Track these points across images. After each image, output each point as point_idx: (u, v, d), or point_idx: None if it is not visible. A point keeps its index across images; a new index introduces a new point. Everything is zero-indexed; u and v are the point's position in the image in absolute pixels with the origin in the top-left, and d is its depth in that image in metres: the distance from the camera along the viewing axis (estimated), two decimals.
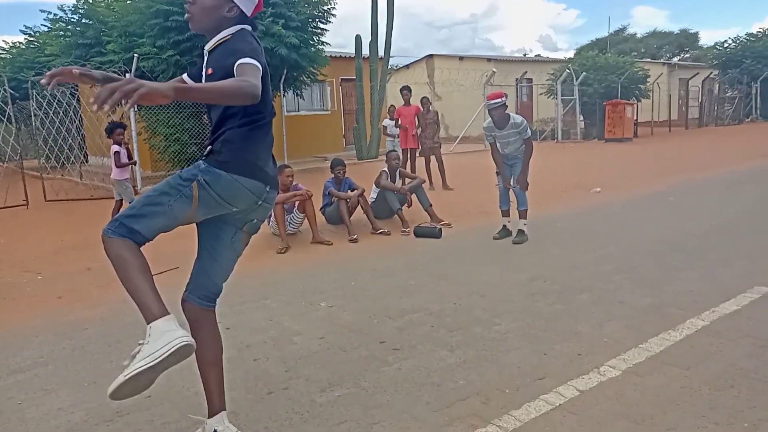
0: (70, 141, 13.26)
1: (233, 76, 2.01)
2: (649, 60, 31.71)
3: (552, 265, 5.19)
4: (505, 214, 6.36)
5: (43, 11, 16.61)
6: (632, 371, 2.98)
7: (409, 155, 9.66)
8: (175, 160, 12.74)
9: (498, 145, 6.15)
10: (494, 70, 16.73)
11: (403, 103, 9.73)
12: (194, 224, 2.36)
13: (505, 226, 6.36)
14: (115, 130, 7.79)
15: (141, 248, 2.11)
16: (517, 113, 6.21)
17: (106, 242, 2.08)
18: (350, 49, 15.71)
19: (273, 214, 6.37)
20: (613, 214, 7.57)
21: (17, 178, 10.41)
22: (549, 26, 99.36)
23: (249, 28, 2.29)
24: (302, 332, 3.81)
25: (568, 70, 19.57)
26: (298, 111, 17.38)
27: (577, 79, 19.44)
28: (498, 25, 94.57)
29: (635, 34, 46.49)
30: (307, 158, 16.11)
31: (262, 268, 5.62)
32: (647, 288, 4.36)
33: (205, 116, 12.14)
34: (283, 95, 13.05)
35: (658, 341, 3.34)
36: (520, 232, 6.14)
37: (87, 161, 17.07)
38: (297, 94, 13.67)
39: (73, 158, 13.52)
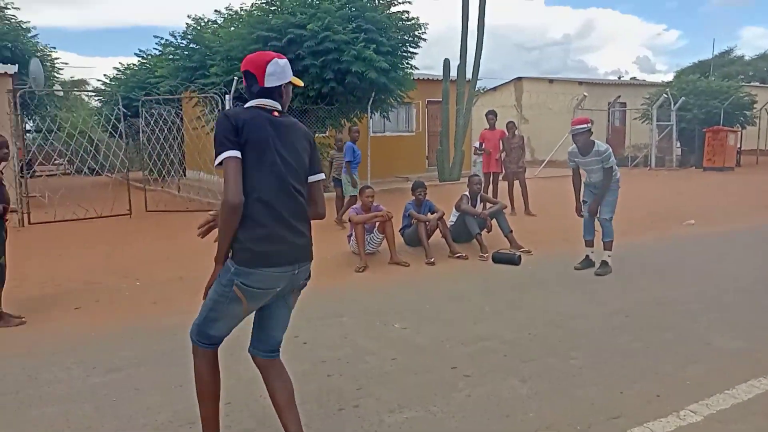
0: (172, 156, 14.18)
1: None
2: (757, 84, 29.71)
3: (635, 299, 4.99)
4: (589, 244, 6.18)
5: (156, 37, 18.34)
6: (715, 418, 2.82)
7: (491, 179, 9.60)
8: None
9: (583, 171, 6.04)
10: (585, 94, 16.32)
11: (487, 126, 9.71)
12: None
13: (587, 256, 6.19)
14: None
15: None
16: (608, 138, 6.08)
17: (194, 353, 2.53)
18: (438, 71, 15.85)
19: (354, 234, 6.55)
20: (707, 249, 7.16)
21: (124, 188, 11.27)
22: (647, 47, 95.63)
23: (258, 102, 2.39)
24: (375, 352, 3.90)
25: (665, 95, 18.72)
26: (384, 132, 17.68)
27: (675, 104, 18.54)
28: (592, 46, 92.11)
29: (743, 56, 43.70)
30: (389, 178, 16.35)
31: (341, 286, 5.79)
32: (738, 330, 4.11)
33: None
34: (370, 117, 13.38)
35: (746, 388, 3.14)
36: (604, 263, 5.95)
37: (185, 175, 18.25)
38: (384, 116, 13.96)
39: (173, 172, 14.49)
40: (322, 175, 2.56)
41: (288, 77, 2.44)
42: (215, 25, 13.77)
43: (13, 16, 20.74)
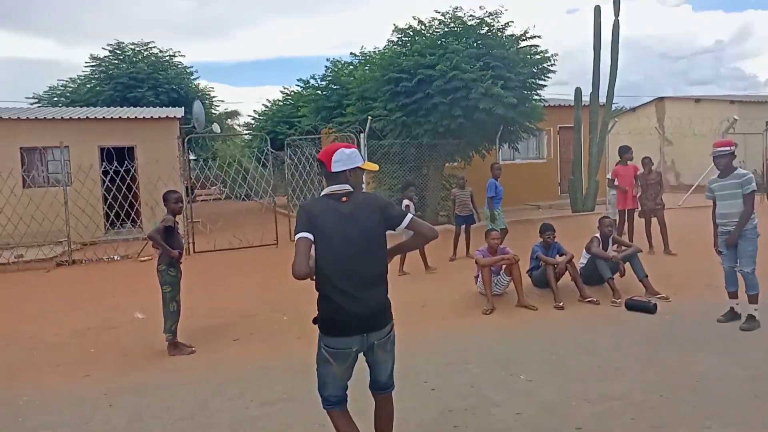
0: (314, 190, 15.17)
1: None
2: None
3: None
4: (733, 295, 5.83)
5: (299, 80, 20.27)
6: None
7: (627, 216, 9.28)
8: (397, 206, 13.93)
9: (716, 200, 5.74)
10: (736, 117, 15.05)
11: (619, 161, 9.45)
12: None
13: (732, 308, 5.83)
14: (406, 189, 9.15)
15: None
16: (765, 161, 5.76)
17: (328, 415, 3.03)
18: (571, 88, 15.52)
19: (480, 276, 6.74)
20: None
21: (271, 216, 12.31)
22: None
23: (329, 190, 2.92)
24: (500, 404, 4.07)
25: None
26: (513, 159, 17.59)
27: None
28: (750, 51, 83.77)
29: None
30: (520, 206, 16.24)
31: (468, 329, 6.00)
32: None
33: (424, 169, 13.15)
34: (499, 149, 13.48)
35: None
36: (750, 318, 5.58)
37: None
38: (512, 147, 13.98)
39: (312, 197, 15.59)
40: (407, 220, 2.91)
41: (354, 163, 2.94)
42: (351, 67, 14.73)
43: (180, 62, 23.58)
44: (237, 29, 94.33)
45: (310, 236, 2.77)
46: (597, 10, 13.68)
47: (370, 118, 11.97)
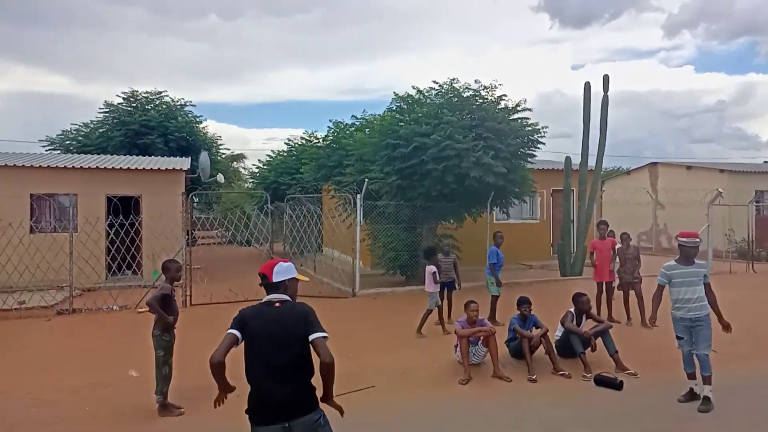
0: (312, 239, 15.62)
1: None
2: None
3: None
4: (691, 376, 6.19)
5: (302, 138, 21.28)
6: None
7: (605, 288, 9.69)
8: (390, 264, 14.39)
9: (674, 285, 6.18)
10: (720, 189, 15.61)
11: (599, 236, 9.93)
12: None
13: (692, 389, 6.18)
14: (431, 256, 9.66)
15: None
16: (751, 231, 6.30)
17: None
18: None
19: (459, 346, 7.11)
20: None
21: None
22: None
23: (267, 299, 3.43)
24: None
25: None
26: (507, 219, 18.04)
27: None
28: (751, 112, 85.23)
29: None
30: (513, 265, 16.60)
31: (444, 399, 6.35)
32: None
33: (417, 228, 13.64)
34: (489, 212, 14.01)
35: None
36: (706, 399, 5.92)
37: (321, 251, 19.94)
38: (503, 212, 14.52)
39: (310, 248, 16.11)
40: (315, 335, 3.25)
41: (291, 274, 3.50)
42: (352, 129, 15.46)
43: (190, 111, 24.48)
44: (247, 73, 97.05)
45: (238, 334, 3.29)
46: (587, 86, 14.47)
47: (366, 180, 12.54)
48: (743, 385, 6.65)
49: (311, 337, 3.25)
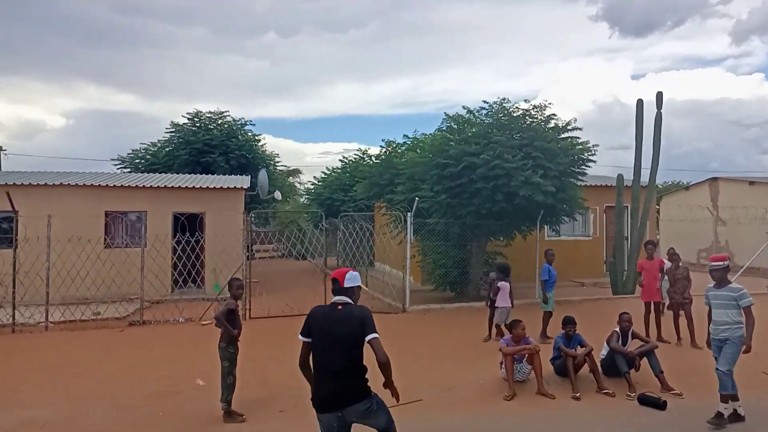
0: (362, 252, 16.09)
1: None
2: None
3: None
4: (724, 398, 6.26)
5: (356, 155, 22.06)
6: None
7: (653, 308, 9.69)
8: (440, 281, 14.69)
9: (712, 306, 6.38)
10: None
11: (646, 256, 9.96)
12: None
13: (735, 410, 6.23)
14: (508, 273, 10.31)
15: None
16: None
17: None
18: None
19: (504, 363, 7.37)
20: None
21: (320, 277, 13.23)
22: None
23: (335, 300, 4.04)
24: None
25: None
26: (559, 236, 18.03)
27: None
28: None
29: None
30: (565, 282, 16.57)
31: (487, 414, 6.62)
32: None
33: (467, 246, 13.89)
34: (539, 231, 14.11)
35: None
36: (719, 414, 6.12)
37: (373, 266, 20.46)
38: (553, 229, 14.58)
39: (362, 262, 16.62)
40: (370, 336, 3.83)
41: (357, 282, 4.09)
42: (404, 147, 15.91)
43: (250, 130, 25.59)
44: (304, 88, 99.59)
45: (306, 339, 3.97)
46: (639, 103, 14.40)
47: (417, 198, 12.92)
48: None
49: (367, 338, 3.82)
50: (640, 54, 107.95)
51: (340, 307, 3.95)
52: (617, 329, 7.81)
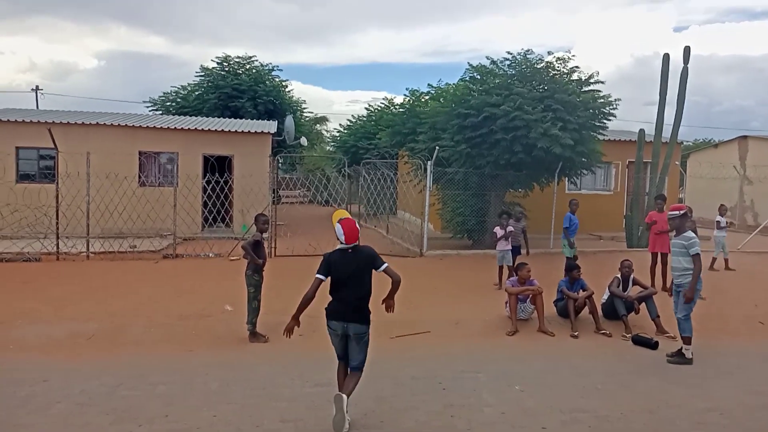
0: (384, 199, 16.61)
1: None
2: None
3: (744, 401, 5.51)
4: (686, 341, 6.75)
5: (381, 103, 22.18)
6: None
7: (660, 259, 10.03)
8: (458, 228, 15.16)
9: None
10: None
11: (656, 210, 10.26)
12: None
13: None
14: (500, 216, 10.68)
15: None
16: None
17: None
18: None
19: (509, 302, 7.89)
20: None
21: None
22: None
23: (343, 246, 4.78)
24: (492, 405, 5.28)
25: None
26: (579, 189, 18.20)
27: None
28: None
29: None
30: (583, 235, 16.87)
31: (489, 345, 7.19)
32: None
33: (486, 196, 14.26)
34: (557, 183, 14.38)
35: None
36: (679, 353, 6.71)
37: (395, 213, 21.01)
38: (573, 183, 14.83)
39: (383, 210, 17.18)
40: (383, 266, 4.73)
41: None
42: (427, 97, 16.12)
43: (277, 75, 25.85)
44: (334, 34, 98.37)
45: (323, 278, 4.74)
46: (666, 57, 14.29)
47: (437, 147, 13.26)
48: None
49: (381, 268, 4.72)
50: (684, 5, 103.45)
51: (350, 250, 4.77)
52: (618, 275, 8.23)
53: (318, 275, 4.74)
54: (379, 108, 25.34)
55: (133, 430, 4.66)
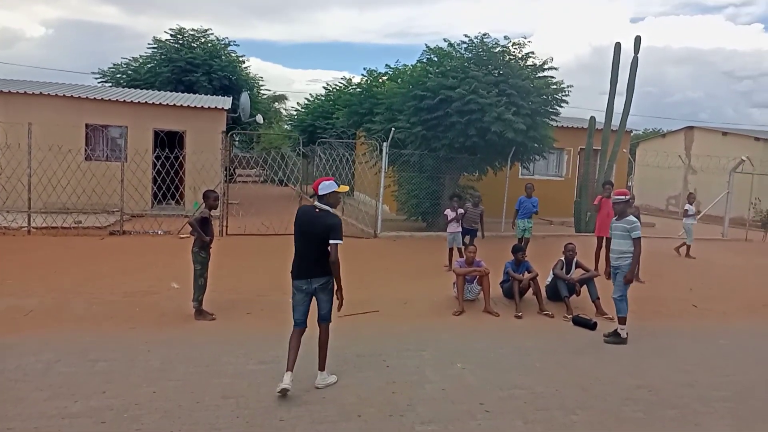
0: (340, 180, 16.54)
1: None
2: None
3: (674, 379, 5.81)
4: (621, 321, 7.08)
5: (339, 83, 21.92)
6: None
7: (604, 243, 10.36)
8: (413, 210, 15.28)
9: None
10: (744, 158, 15.78)
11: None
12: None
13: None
14: (451, 199, 10.97)
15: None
16: None
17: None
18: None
19: (456, 283, 8.04)
20: None
21: (297, 201, 13.70)
22: None
23: (315, 204, 5.07)
24: (433, 382, 5.40)
25: None
26: (532, 175, 18.57)
27: None
28: None
29: None
30: (533, 220, 17.23)
31: (435, 325, 7.33)
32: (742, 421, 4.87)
33: (441, 178, 14.39)
34: (509, 167, 14.63)
35: None
36: (615, 333, 7.00)
37: (352, 195, 20.96)
38: (524, 167, 15.11)
39: None
40: (333, 242, 4.90)
41: (332, 189, 5.00)
42: (385, 77, 16.06)
43: (233, 51, 25.26)
44: (296, 11, 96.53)
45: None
46: (617, 46, 14.63)
47: (393, 129, 13.28)
48: (710, 333, 7.43)
49: (330, 241, 4.91)
50: None
51: (317, 210, 4.98)
52: (562, 258, 8.48)
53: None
54: (337, 87, 25.11)
55: (69, 406, 4.57)
